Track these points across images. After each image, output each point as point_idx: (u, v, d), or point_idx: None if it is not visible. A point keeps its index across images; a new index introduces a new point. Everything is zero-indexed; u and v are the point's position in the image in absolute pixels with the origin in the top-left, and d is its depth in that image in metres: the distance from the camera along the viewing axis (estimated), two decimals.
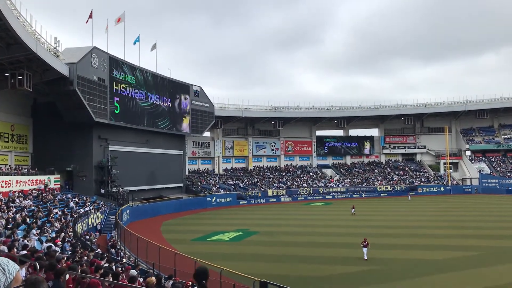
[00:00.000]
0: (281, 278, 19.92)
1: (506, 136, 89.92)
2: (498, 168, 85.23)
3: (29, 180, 38.31)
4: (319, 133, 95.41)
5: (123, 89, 53.13)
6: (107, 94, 49.42)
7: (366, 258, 26.13)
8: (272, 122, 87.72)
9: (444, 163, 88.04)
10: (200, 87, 71.16)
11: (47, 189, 36.54)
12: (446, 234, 35.12)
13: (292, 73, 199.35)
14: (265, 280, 18.07)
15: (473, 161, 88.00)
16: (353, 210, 51.21)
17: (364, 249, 26.58)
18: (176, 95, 65.37)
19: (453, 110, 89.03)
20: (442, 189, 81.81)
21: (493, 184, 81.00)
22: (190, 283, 13.37)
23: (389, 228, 39.35)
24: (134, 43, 57.12)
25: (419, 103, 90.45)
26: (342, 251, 29.38)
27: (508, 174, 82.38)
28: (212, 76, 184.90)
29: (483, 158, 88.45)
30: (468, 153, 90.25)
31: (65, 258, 14.10)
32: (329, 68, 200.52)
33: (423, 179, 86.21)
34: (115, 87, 51.34)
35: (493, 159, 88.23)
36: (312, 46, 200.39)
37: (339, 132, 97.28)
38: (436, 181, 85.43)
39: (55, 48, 41.97)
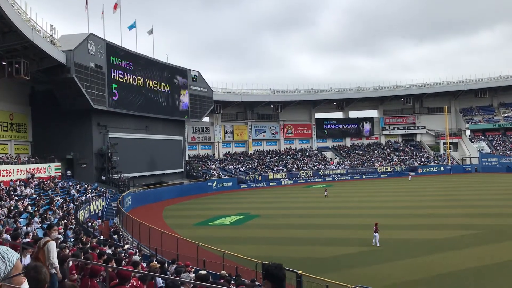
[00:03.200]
0: (283, 260, 20.02)
1: (505, 115, 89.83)
2: (498, 147, 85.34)
3: (29, 168, 38.40)
4: (318, 115, 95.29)
5: (121, 75, 52.87)
6: (105, 81, 49.21)
7: (378, 244, 24.79)
8: (271, 105, 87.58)
9: (444, 143, 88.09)
10: (198, 72, 70.82)
11: (34, 179, 36.12)
12: (446, 213, 35.34)
13: (287, 56, 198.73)
14: (267, 262, 18.29)
15: (472, 140, 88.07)
16: (326, 193, 51.76)
17: (375, 234, 25.20)
18: (174, 81, 65.08)
19: (452, 90, 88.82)
20: (442, 169, 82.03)
21: (493, 163, 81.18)
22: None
23: (389, 209, 39.58)
24: (130, 29, 56.62)
25: (418, 84, 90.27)
26: (343, 232, 29.61)
27: (508, 153, 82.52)
28: (207, 61, 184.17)
29: (483, 137, 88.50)
30: (468, 132, 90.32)
31: (68, 245, 14.21)
32: (324, 50, 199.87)
33: (423, 160, 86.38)
34: (113, 74, 51.09)
35: (492, 138, 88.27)
36: (306, 28, 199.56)
37: (339, 115, 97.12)
38: (436, 161, 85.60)
39: (51, 35, 41.65)
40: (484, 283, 17.73)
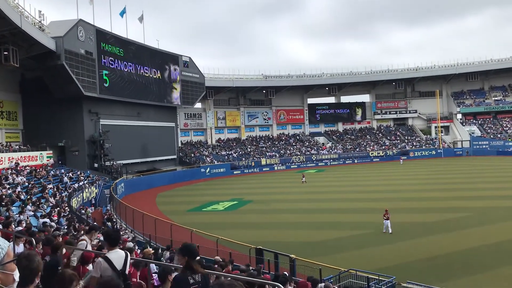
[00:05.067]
0: (276, 245, 20.28)
1: (496, 98, 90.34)
2: (489, 130, 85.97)
3: (21, 157, 38.17)
4: (310, 101, 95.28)
5: (111, 62, 52.40)
6: (96, 67, 48.77)
7: (391, 231, 24.01)
8: (264, 91, 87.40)
9: (436, 127, 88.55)
10: (190, 58, 70.33)
11: (18, 168, 35.38)
12: (437, 196, 35.67)
13: (278, 41, 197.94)
14: (261, 247, 18.44)
15: (464, 124, 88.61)
16: (303, 178, 51.92)
17: (386, 222, 24.44)
18: (165, 67, 64.62)
19: (443, 74, 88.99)
20: (434, 152, 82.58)
21: (484, 146, 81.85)
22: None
23: (381, 193, 39.86)
24: (121, 15, 56.05)
25: (410, 68, 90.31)
26: (335, 217, 29.86)
27: (499, 136, 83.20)
28: (198, 46, 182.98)
29: (474, 121, 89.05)
30: (459, 116, 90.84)
31: (62, 233, 14.23)
32: (315, 35, 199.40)
33: (414, 143, 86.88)
34: (103, 60, 50.61)
35: (483, 121, 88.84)
36: (296, 13, 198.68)
37: (331, 100, 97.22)
38: (427, 145, 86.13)
39: (39, 22, 41.12)
40: (473, 264, 18.01)
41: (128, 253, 5.86)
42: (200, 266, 5.19)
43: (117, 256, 5.59)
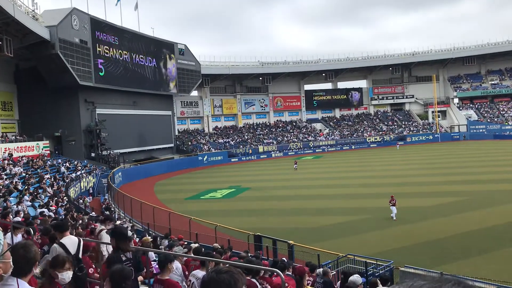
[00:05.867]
0: (274, 231, 20.36)
1: (493, 82, 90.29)
2: (486, 114, 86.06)
3: (17, 147, 38.06)
4: (307, 87, 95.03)
5: (106, 51, 52.08)
6: (91, 56, 48.46)
7: (394, 218, 23.61)
8: (260, 78, 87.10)
9: (432, 112, 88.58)
10: (185, 45, 69.91)
11: (12, 158, 34.79)
12: (435, 181, 35.82)
13: (273, 28, 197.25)
14: (259, 234, 18.51)
15: (461, 108, 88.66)
16: (295, 165, 51.89)
17: (393, 208, 23.99)
18: (161, 55, 64.26)
19: (440, 58, 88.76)
20: (431, 137, 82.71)
21: (481, 130, 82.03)
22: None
23: (378, 178, 40.00)
24: (116, 4, 55.53)
25: (407, 52, 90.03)
26: (333, 202, 29.98)
27: (495, 120, 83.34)
28: (193, 34, 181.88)
29: (471, 105, 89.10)
30: (456, 100, 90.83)
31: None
32: (310, 21, 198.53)
33: (412, 128, 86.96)
34: (98, 49, 50.27)
35: (480, 106, 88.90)
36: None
37: (328, 86, 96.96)
38: (424, 130, 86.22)
39: (33, 11, 40.78)
40: (471, 248, 18.15)
41: (80, 238, 6.30)
42: (129, 245, 5.95)
43: (70, 241, 6.04)
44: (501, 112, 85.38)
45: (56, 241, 6.17)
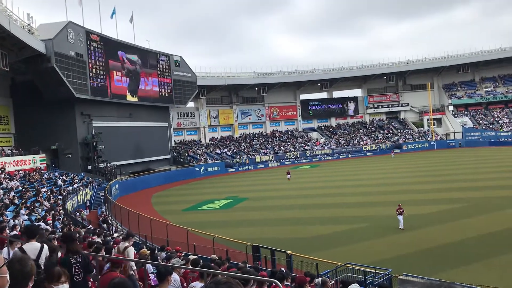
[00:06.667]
0: (272, 241, 20.33)
1: (487, 89, 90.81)
2: (481, 121, 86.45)
3: (14, 161, 37.93)
4: (303, 97, 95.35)
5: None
6: (87, 69, 48.56)
7: (402, 227, 23.14)
8: (256, 88, 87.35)
9: (428, 119, 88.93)
10: (181, 57, 70.15)
11: (5, 173, 34.08)
12: (432, 188, 35.86)
13: (267, 38, 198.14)
14: (257, 244, 18.47)
15: (456, 115, 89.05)
16: (288, 175, 51.84)
17: (400, 217, 23.52)
18: (156, 66, 64.44)
19: (434, 66, 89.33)
20: (427, 145, 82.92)
21: (476, 137, 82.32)
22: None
23: (375, 186, 39.99)
24: (112, 17, 55.76)
25: (401, 61, 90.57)
26: (330, 211, 29.95)
27: (490, 127, 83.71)
28: (188, 46, 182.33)
29: (466, 112, 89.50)
30: (451, 108, 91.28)
31: (57, 236, 14.17)
32: (304, 31, 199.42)
33: (407, 136, 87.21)
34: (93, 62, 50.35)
35: (475, 113, 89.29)
36: (284, 9, 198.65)
37: (323, 95, 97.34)
38: (420, 138, 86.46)
39: (28, 25, 40.85)
40: (468, 254, 18.16)
41: (45, 245, 6.53)
42: (78, 247, 6.36)
43: (31, 247, 6.34)
44: (496, 119, 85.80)
45: (18, 246, 6.52)
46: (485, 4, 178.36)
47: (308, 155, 79.61)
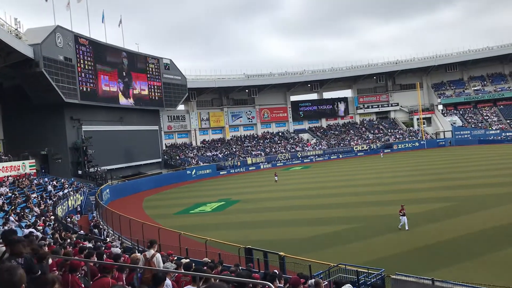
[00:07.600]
0: (265, 243, 20.28)
1: (475, 88, 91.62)
2: (470, 120, 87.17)
3: (3, 167, 37.52)
4: (293, 98, 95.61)
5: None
6: (76, 74, 48.24)
7: (407, 228, 22.79)
8: (246, 90, 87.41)
9: (417, 119, 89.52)
10: (171, 60, 69.95)
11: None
12: (423, 187, 36.04)
13: (256, 40, 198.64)
14: (250, 247, 18.41)
15: (445, 114, 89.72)
16: (276, 177, 51.97)
17: (403, 218, 23.21)
18: (146, 70, 64.20)
19: (423, 66, 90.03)
20: (417, 144, 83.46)
21: (466, 136, 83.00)
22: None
23: (367, 186, 40.08)
24: (102, 21, 55.47)
25: (390, 61, 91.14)
26: (322, 212, 29.95)
27: (480, 125, 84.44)
28: (177, 49, 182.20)
29: (455, 111, 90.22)
30: (440, 107, 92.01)
31: (48, 242, 14.02)
32: (293, 32, 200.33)
33: (397, 136, 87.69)
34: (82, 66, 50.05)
35: (464, 111, 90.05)
36: (271, 11, 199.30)
37: (313, 96, 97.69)
38: (410, 137, 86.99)
39: (16, 29, 40.52)
40: (461, 253, 18.24)
41: (6, 249, 6.35)
42: (21, 248, 6.03)
43: None
44: (485, 117, 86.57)
45: None
46: (468, 5, 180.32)
47: (299, 156, 79.75)
